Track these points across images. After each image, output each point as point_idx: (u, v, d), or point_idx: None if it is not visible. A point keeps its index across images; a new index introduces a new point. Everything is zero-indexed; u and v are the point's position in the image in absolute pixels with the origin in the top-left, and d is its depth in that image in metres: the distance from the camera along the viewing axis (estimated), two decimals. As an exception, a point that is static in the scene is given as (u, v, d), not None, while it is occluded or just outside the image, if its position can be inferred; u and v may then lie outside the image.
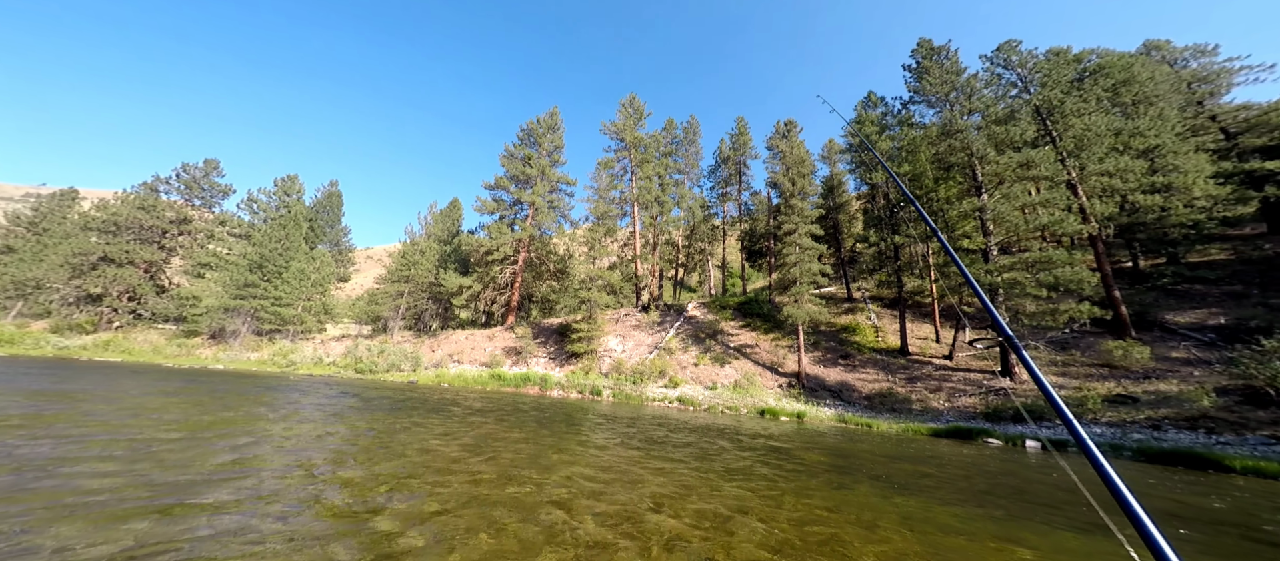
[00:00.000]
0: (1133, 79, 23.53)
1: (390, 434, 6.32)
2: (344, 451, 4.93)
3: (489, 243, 30.42)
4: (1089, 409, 11.03)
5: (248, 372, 19.98)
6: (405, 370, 23.36)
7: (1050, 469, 7.26)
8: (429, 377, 21.25)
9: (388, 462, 4.60)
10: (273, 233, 32.86)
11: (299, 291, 31.51)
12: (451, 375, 21.69)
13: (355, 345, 26.74)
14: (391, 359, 23.98)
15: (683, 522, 3.35)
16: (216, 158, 36.93)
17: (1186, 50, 27.34)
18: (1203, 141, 22.40)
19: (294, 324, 30.74)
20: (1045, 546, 3.37)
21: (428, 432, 6.69)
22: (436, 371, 22.86)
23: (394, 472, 4.19)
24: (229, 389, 10.96)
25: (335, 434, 5.92)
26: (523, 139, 34.03)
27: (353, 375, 22.41)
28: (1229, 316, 14.32)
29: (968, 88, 19.24)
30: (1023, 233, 17.09)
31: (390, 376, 22.32)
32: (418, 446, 5.47)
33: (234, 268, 30.02)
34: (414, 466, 4.48)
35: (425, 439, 6.13)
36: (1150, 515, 0.81)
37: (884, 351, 18.06)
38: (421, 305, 35.78)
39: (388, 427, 6.88)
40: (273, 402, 8.94)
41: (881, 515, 3.94)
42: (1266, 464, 7.65)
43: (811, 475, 5.53)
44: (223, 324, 27.98)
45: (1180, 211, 18.13)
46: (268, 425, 6.33)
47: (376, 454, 4.92)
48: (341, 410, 8.52)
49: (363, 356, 24.89)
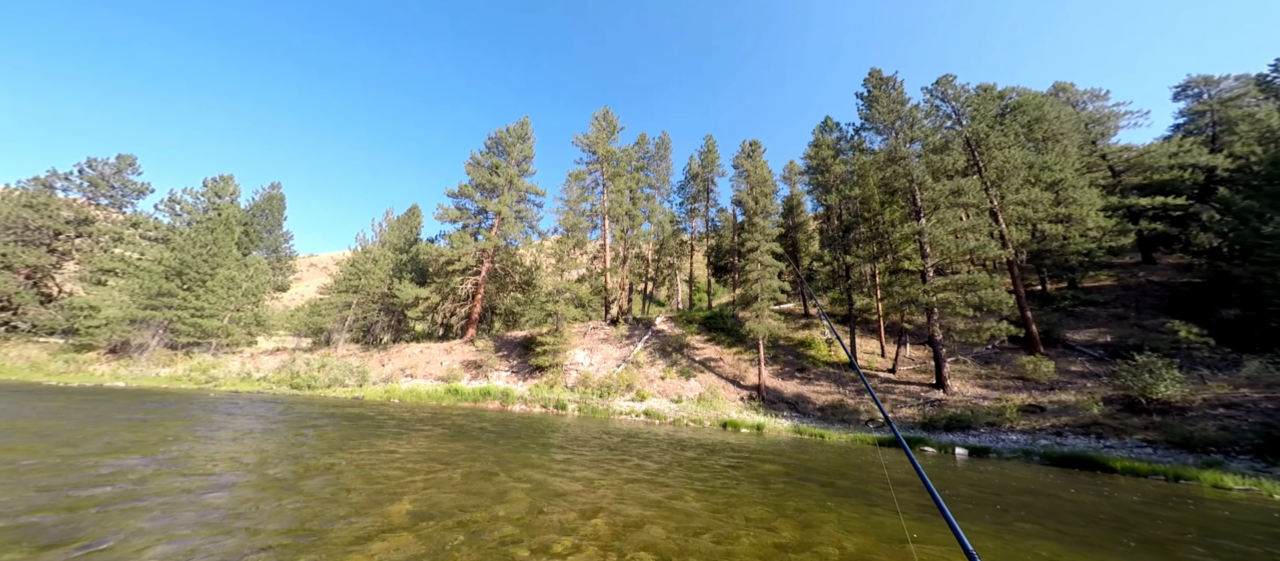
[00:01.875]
0: (1043, 117, 26.97)
1: (317, 454, 5.99)
2: (254, 475, 4.65)
3: (450, 252, 29.35)
4: (1007, 418, 12.45)
5: (154, 390, 17.93)
6: (350, 385, 21.94)
7: (972, 472, 8.16)
8: (377, 393, 20.10)
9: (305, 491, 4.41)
10: (198, 237, 29.80)
11: (226, 301, 28.73)
12: (403, 390, 20.65)
13: (292, 359, 24.76)
14: (334, 373, 22.43)
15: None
16: (133, 154, 33.03)
17: (1085, 93, 31.74)
18: (1095, 178, 26.03)
19: (218, 336, 27.97)
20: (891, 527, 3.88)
21: (354, 454, 6.41)
22: (386, 386, 21.67)
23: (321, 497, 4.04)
24: (122, 409, 9.79)
25: (252, 452, 5.48)
26: (491, 147, 33.39)
27: (288, 391, 20.75)
28: (1113, 335, 16.73)
29: (910, 117, 21.21)
30: (954, 255, 19.03)
31: (332, 392, 20.88)
32: (354, 468, 5.25)
33: (145, 274, 26.86)
34: (341, 491, 4.33)
35: (353, 460, 5.89)
36: (941, 497, 1.13)
37: (836, 365, 19.32)
38: (372, 316, 33.75)
39: (315, 448, 6.51)
40: (174, 422, 8.14)
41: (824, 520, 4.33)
42: (1140, 464, 9.04)
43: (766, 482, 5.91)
44: (127, 336, 24.90)
45: (1077, 241, 20.94)
46: (158, 447, 5.77)
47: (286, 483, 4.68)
48: (272, 426, 7.89)
49: (300, 370, 23.11)
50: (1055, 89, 31.24)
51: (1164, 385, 11.71)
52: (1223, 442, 9.48)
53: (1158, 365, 12.10)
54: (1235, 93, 29.28)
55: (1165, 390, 11.64)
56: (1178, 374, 12.02)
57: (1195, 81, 30.25)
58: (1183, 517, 5.40)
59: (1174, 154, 25.14)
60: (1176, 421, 10.65)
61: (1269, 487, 7.61)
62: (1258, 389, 11.46)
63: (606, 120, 33.01)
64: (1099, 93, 30.53)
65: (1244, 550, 4.19)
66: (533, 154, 34.08)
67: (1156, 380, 11.82)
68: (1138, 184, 25.38)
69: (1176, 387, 11.66)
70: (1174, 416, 10.91)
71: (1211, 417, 10.48)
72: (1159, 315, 17.42)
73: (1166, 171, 24.81)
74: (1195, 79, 30.33)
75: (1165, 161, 25.09)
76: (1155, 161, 25.39)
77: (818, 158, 26.01)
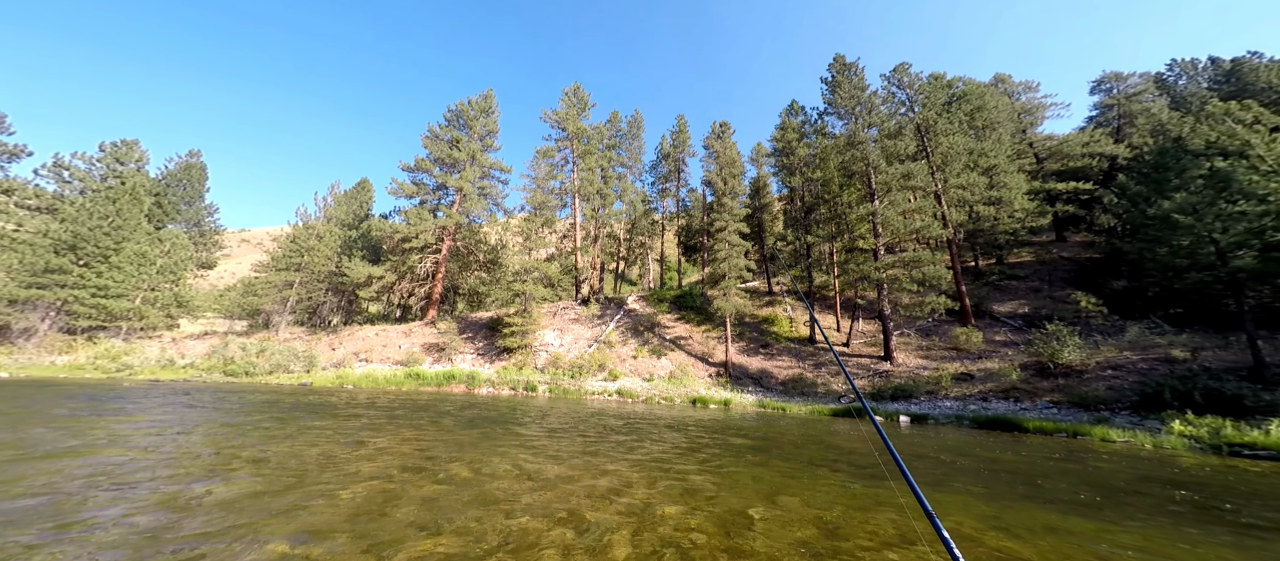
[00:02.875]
0: (984, 106, 29.02)
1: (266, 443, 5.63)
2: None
3: (407, 229, 27.50)
4: (943, 386, 13.97)
5: (50, 381, 15.79)
6: (295, 371, 20.46)
7: (915, 438, 9.17)
8: (327, 378, 18.94)
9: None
10: (95, 207, 25.70)
11: (137, 279, 25.39)
12: (357, 375, 19.57)
13: (225, 343, 22.58)
14: (277, 358, 20.76)
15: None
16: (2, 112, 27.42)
17: (1020, 85, 34.33)
18: (1022, 164, 28.66)
19: (129, 319, 24.85)
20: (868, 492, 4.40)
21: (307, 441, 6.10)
22: (337, 372, 20.44)
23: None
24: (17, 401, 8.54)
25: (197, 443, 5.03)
26: (450, 120, 31.09)
27: (221, 378, 19.09)
28: (1030, 306, 19.03)
29: (869, 103, 22.01)
30: (902, 235, 20.44)
31: (274, 378, 19.41)
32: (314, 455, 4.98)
33: (26, 248, 22.95)
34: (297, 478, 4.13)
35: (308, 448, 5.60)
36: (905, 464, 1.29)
37: (796, 340, 20.55)
38: (318, 297, 31.35)
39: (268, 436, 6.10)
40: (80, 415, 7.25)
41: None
42: (1047, 424, 10.55)
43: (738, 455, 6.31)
44: (6, 320, 21.54)
45: (1006, 221, 23.21)
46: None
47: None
48: (203, 416, 7.22)
49: (235, 356, 21.18)
50: (996, 80, 33.48)
51: (1067, 351, 13.58)
52: (1109, 401, 11.25)
53: (1063, 333, 13.98)
54: (1138, 89, 32.89)
55: (1068, 356, 13.52)
56: (1078, 341, 13.96)
57: (1108, 78, 33.58)
58: (1077, 469, 6.42)
59: (1086, 144, 28.11)
60: (1076, 383, 12.46)
61: (1141, 438, 9.18)
62: (1136, 351, 13.60)
63: (577, 96, 31.56)
64: (1031, 85, 33.12)
65: (1119, 490, 5.09)
66: (497, 129, 32.21)
67: (1062, 346, 13.68)
68: (1056, 170, 28.27)
69: (1076, 353, 13.57)
70: (1074, 379, 12.75)
71: (1101, 379, 12.36)
72: (1067, 287, 19.95)
73: (1079, 159, 27.77)
74: (1108, 75, 33.65)
75: (1079, 150, 28.02)
76: (1071, 150, 28.29)
77: (784, 140, 26.57)
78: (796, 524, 3.54)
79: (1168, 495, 5.16)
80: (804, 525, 3.52)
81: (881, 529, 3.50)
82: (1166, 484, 5.73)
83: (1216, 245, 12.73)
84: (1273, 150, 14.36)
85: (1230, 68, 30.41)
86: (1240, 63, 30.13)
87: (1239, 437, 8.59)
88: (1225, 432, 8.81)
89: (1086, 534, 3.63)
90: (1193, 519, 4.19)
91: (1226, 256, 12.60)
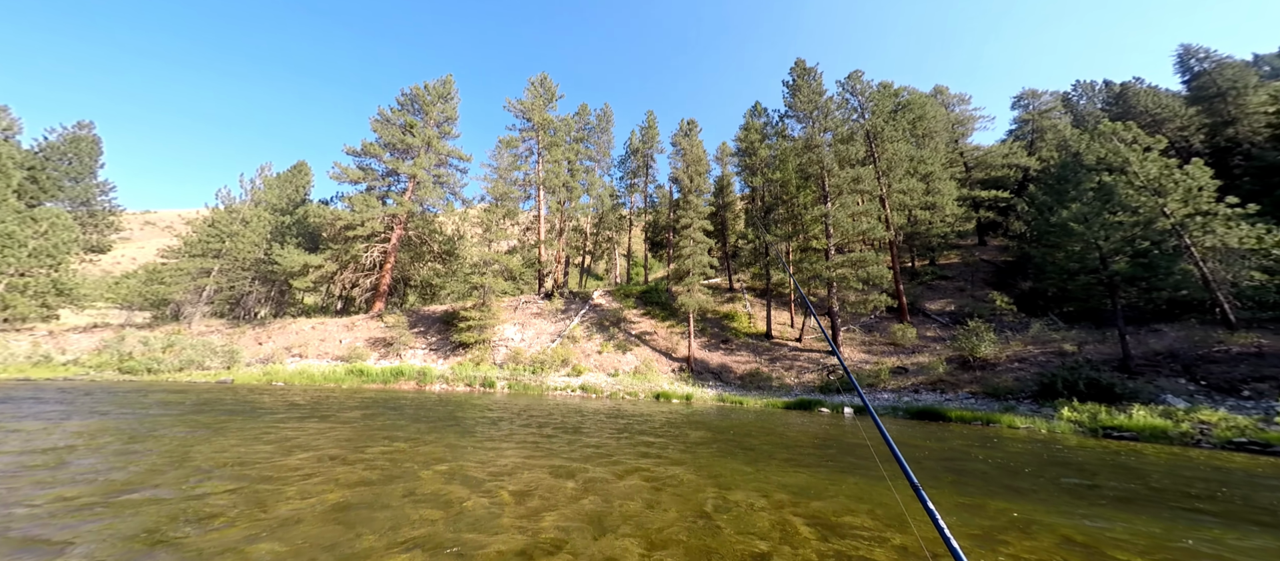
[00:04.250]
0: (925, 116, 31.42)
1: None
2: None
3: (351, 216, 25.50)
4: (881, 379, 15.34)
5: None
6: (212, 367, 18.54)
7: (858, 429, 10.07)
8: (253, 376, 17.41)
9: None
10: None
11: (3, 262, 21.65)
12: (289, 372, 18.13)
13: (119, 337, 19.97)
14: (189, 354, 18.71)
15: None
16: None
17: (955, 97, 37.44)
18: (954, 172, 31.53)
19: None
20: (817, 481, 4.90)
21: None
22: (265, 368, 18.77)
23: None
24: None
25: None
26: (404, 104, 29.05)
27: (115, 376, 16.99)
28: (956, 304, 21.25)
29: (825, 108, 23.11)
30: (851, 236, 21.91)
31: (185, 376, 17.54)
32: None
33: None
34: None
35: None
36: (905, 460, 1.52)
37: (754, 336, 21.55)
38: (242, 286, 28.47)
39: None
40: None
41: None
42: (966, 413, 11.96)
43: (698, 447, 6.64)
44: None
45: (938, 225, 25.53)
46: None
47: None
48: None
49: (134, 350, 18.86)
50: (935, 91, 36.29)
51: (984, 346, 15.38)
52: (1016, 391, 12.95)
53: (980, 330, 15.80)
54: (1048, 106, 37.01)
55: (984, 350, 15.31)
56: (993, 337, 15.85)
57: (1026, 94, 37.48)
58: (989, 454, 7.40)
59: (1006, 155, 31.38)
60: (990, 375, 14.18)
61: (1039, 424, 10.69)
62: (1037, 346, 15.67)
63: (543, 87, 30.45)
64: (964, 97, 36.25)
65: (1022, 472, 5.97)
66: (456, 115, 30.56)
67: (979, 342, 15.46)
68: (980, 178, 31.37)
69: (991, 348, 15.41)
70: (989, 371, 14.50)
71: (1010, 371, 14.16)
72: (986, 287, 22.44)
73: (1000, 169, 31.00)
74: (1026, 92, 37.56)
75: (1000, 161, 31.25)
76: (993, 160, 31.49)
77: (747, 141, 27.34)
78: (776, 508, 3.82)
79: (1057, 474, 6.12)
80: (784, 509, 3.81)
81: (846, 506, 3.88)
82: (1057, 464, 6.77)
83: (1100, 251, 14.87)
84: (1145, 168, 16.88)
85: (1119, 91, 35.02)
86: (1127, 86, 34.78)
87: (1110, 422, 10.25)
88: (1101, 418, 10.47)
89: (1000, 511, 4.24)
90: (1078, 494, 5.01)
91: (1107, 261, 14.78)
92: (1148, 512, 4.52)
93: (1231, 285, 14.25)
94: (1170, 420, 9.92)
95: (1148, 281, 15.02)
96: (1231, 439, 8.80)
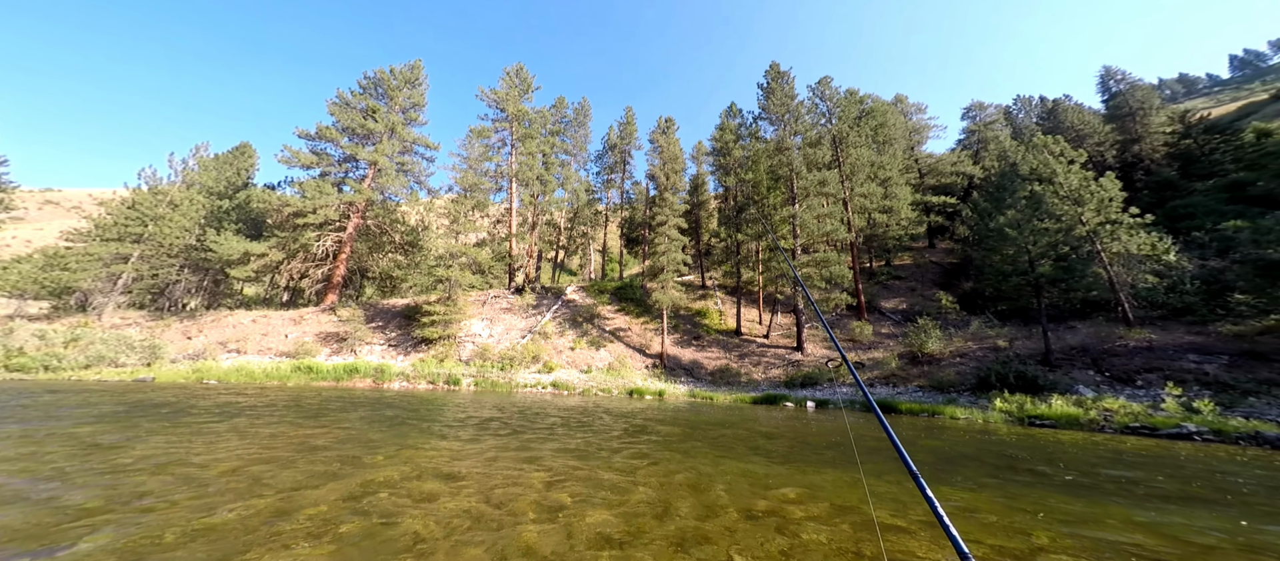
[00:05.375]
0: (886, 123, 33.20)
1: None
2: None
3: (302, 202, 23.84)
4: (841, 374, 16.36)
5: None
6: (129, 364, 16.91)
7: (819, 421, 10.79)
8: (178, 373, 15.98)
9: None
10: None
11: None
12: (223, 369, 16.83)
13: (8, 329, 17.88)
14: (98, 349, 17.02)
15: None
16: None
17: (913, 106, 39.75)
18: (909, 178, 33.67)
19: None
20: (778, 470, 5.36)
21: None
22: (194, 365, 17.27)
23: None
24: None
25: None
26: (367, 88, 27.40)
27: (1, 374, 15.30)
28: (907, 303, 22.91)
29: (796, 112, 23.94)
30: (815, 237, 23.02)
31: (93, 374, 15.99)
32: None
33: None
34: None
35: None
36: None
37: (725, 332, 22.27)
38: (168, 275, 26.09)
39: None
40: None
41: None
42: (914, 405, 13.06)
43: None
44: None
45: (894, 228, 27.26)
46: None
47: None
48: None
49: (27, 345, 16.96)
50: (896, 99, 38.37)
51: (931, 342, 16.76)
52: (958, 384, 14.25)
53: (928, 327, 17.19)
54: (992, 118, 40.11)
55: (931, 346, 16.69)
56: (938, 333, 17.28)
57: (974, 106, 40.42)
58: (934, 443, 8.21)
59: (955, 163, 33.82)
60: (936, 370, 15.50)
61: (976, 415, 11.87)
62: (976, 342, 17.26)
63: (519, 77, 29.53)
64: (921, 107, 38.59)
65: (963, 457, 6.72)
66: (424, 102, 29.19)
67: (927, 339, 16.83)
68: (932, 185, 33.69)
69: (937, 344, 16.82)
70: (935, 366, 15.84)
71: (953, 366, 15.55)
72: (934, 287, 24.30)
73: (949, 176, 33.39)
74: (974, 104, 40.50)
75: (949, 168, 33.65)
76: (943, 168, 33.86)
77: (722, 141, 27.89)
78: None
79: (991, 459, 6.90)
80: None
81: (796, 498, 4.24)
82: (989, 449, 7.62)
83: (1029, 254, 16.53)
84: (1068, 179, 18.82)
85: (1051, 107, 38.54)
86: (1058, 103, 38.32)
87: (1034, 411, 11.56)
88: (1027, 408, 11.78)
89: (943, 494, 4.77)
90: (1007, 474, 5.71)
91: (1034, 264, 16.47)
92: (1066, 492, 5.24)
93: (1131, 287, 16.30)
94: (1081, 409, 11.33)
95: (1066, 283, 16.90)
96: (1128, 424, 10.20)
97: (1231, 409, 10.30)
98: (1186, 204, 23.98)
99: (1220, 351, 12.72)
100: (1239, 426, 9.24)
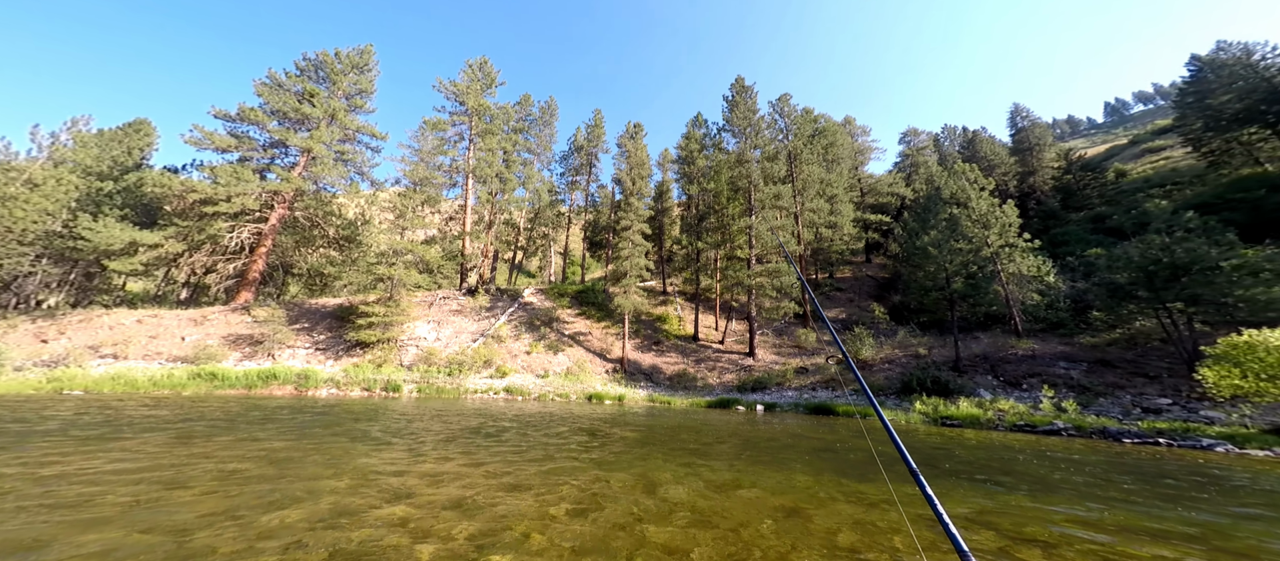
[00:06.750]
0: (835, 143, 35.87)
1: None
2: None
3: (213, 189, 21.38)
4: (788, 378, 17.68)
5: None
6: None
7: (768, 424, 11.70)
8: (26, 383, 13.46)
9: None
10: None
11: None
12: (94, 377, 14.42)
13: None
14: None
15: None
16: None
17: (860, 127, 43.22)
18: (852, 196, 36.69)
19: None
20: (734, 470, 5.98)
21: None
22: (52, 373, 14.69)
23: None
24: None
25: None
26: (306, 70, 24.97)
27: None
28: (847, 313, 25.08)
29: (757, 126, 25.26)
30: (769, 248, 24.53)
31: None
32: None
33: None
34: None
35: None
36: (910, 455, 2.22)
37: (683, 338, 23.07)
38: (19, 266, 22.29)
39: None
40: None
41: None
42: (852, 408, 14.45)
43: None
44: None
45: (837, 243, 29.63)
46: None
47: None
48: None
49: None
50: (845, 121, 41.56)
51: (865, 349, 18.58)
52: (886, 388, 15.96)
53: (863, 335, 19.04)
54: (923, 144, 44.59)
55: (865, 353, 18.50)
56: (872, 341, 19.18)
57: (909, 132, 44.73)
58: (864, 444, 9.29)
59: (891, 184, 37.31)
60: (868, 375, 17.22)
61: (900, 416, 13.42)
62: (902, 350, 19.37)
63: (483, 71, 28.37)
64: (866, 129, 42.09)
65: (888, 457, 7.72)
66: (373, 89, 27.20)
67: (861, 346, 18.63)
68: (871, 203, 36.95)
69: (870, 351, 18.67)
70: (867, 371, 17.58)
71: (882, 371, 17.36)
72: (869, 299, 26.77)
73: (885, 196, 36.78)
74: (909, 130, 44.81)
75: (885, 188, 37.06)
76: (881, 188, 37.24)
77: (687, 150, 28.75)
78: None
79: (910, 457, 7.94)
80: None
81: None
82: (908, 448, 8.75)
83: (946, 271, 18.87)
84: (979, 204, 21.64)
85: (971, 137, 43.68)
86: (976, 134, 43.51)
87: (946, 412, 13.28)
88: (940, 409, 13.51)
89: (866, 491, 5.53)
90: (923, 471, 6.66)
91: (950, 280, 18.82)
92: (967, 482, 6.24)
93: (1022, 303, 19.14)
94: (981, 410, 13.20)
95: (974, 298, 19.48)
96: (1016, 423, 12.07)
97: (1088, 408, 12.55)
98: (1063, 232, 28.42)
99: (1082, 359, 15.36)
100: (1092, 422, 11.31)
